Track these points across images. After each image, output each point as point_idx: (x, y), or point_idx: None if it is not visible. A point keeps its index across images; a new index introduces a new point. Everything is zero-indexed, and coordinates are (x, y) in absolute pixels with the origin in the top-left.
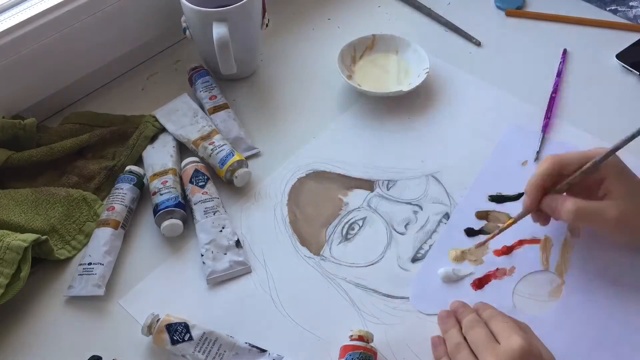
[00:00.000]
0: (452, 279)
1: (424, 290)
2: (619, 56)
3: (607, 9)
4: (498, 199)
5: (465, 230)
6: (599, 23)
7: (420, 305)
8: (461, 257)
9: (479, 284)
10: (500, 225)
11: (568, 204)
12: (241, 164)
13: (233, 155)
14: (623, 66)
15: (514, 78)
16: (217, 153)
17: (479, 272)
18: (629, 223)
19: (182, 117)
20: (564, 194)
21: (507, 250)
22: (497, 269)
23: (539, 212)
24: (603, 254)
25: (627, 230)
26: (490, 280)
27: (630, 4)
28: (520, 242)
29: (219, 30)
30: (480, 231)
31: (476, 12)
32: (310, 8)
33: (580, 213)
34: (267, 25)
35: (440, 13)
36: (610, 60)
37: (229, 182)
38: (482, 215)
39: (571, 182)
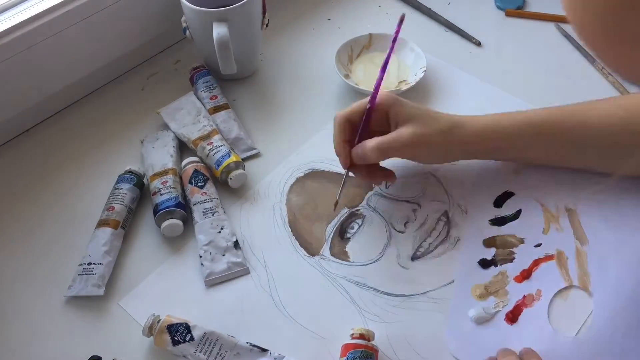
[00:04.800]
0: (484, 319)
1: (462, 338)
2: None
3: None
4: (499, 221)
5: (479, 262)
6: None
7: (464, 356)
8: (485, 292)
9: (512, 316)
10: (510, 249)
11: (369, 145)
12: (237, 165)
13: (229, 157)
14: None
15: (513, 78)
16: (214, 154)
17: (508, 305)
18: (423, 140)
19: (185, 115)
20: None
21: (527, 274)
22: (525, 296)
23: (355, 167)
24: (614, 253)
25: (424, 146)
26: (522, 310)
27: None
28: (536, 262)
29: (219, 30)
30: (493, 260)
31: (476, 12)
32: (310, 8)
33: (381, 147)
34: (267, 25)
35: (440, 13)
36: None
37: (225, 183)
38: (490, 242)
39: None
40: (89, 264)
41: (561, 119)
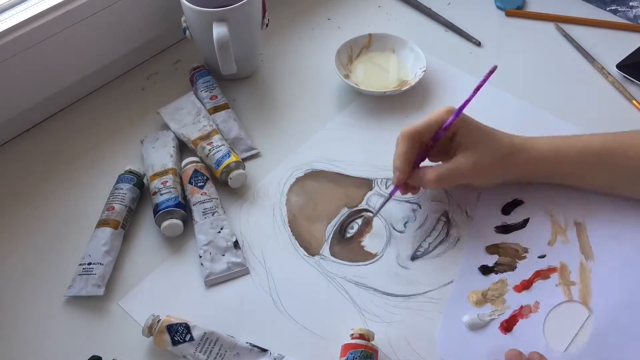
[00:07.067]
0: (478, 325)
1: (453, 343)
2: (620, 66)
3: (607, 9)
4: (505, 229)
5: (479, 268)
6: (599, 23)
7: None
8: (482, 299)
9: (507, 326)
10: (513, 258)
11: (429, 175)
12: (237, 165)
13: (229, 157)
14: (624, 76)
15: (513, 78)
16: (214, 154)
17: (504, 314)
18: (483, 169)
19: (185, 115)
20: (423, 166)
21: (527, 285)
22: (522, 307)
23: (406, 184)
24: (619, 272)
25: (483, 175)
26: (517, 321)
27: (630, 4)
28: (538, 274)
29: (219, 30)
30: (495, 267)
31: (476, 12)
32: (310, 8)
33: (441, 178)
34: (267, 25)
35: (440, 13)
36: (610, 61)
37: (225, 183)
38: (493, 249)
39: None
40: (89, 264)
41: (620, 149)
